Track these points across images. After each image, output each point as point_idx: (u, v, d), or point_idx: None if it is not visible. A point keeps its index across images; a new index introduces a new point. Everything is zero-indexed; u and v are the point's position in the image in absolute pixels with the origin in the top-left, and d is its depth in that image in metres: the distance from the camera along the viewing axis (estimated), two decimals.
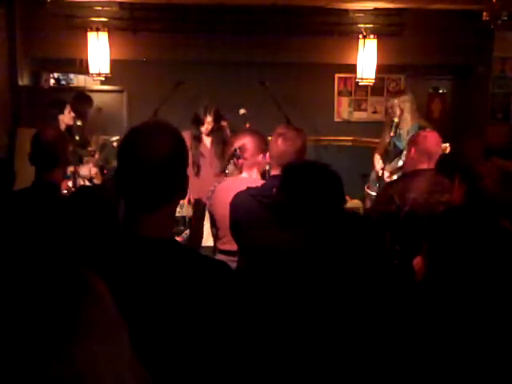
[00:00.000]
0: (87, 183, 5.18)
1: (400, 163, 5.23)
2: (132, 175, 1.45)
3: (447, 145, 4.38)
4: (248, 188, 3.02)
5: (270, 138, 3.42)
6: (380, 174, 5.47)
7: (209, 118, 5.04)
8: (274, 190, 2.54)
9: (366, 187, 5.68)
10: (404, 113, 5.20)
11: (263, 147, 3.23)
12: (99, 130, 6.00)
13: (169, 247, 1.46)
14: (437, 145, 3.53)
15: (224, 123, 5.29)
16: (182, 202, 6.15)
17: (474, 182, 2.68)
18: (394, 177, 5.20)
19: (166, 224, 1.49)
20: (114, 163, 5.82)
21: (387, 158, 5.48)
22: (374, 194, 5.60)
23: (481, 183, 2.65)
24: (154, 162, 1.43)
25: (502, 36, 5.94)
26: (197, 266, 1.45)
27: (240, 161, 3.30)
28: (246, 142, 3.27)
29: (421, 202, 3.25)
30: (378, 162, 5.56)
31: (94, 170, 5.25)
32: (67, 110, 5.23)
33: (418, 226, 2.53)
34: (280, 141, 2.93)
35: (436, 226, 1.60)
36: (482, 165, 2.79)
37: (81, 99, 5.74)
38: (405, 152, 5.31)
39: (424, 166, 3.43)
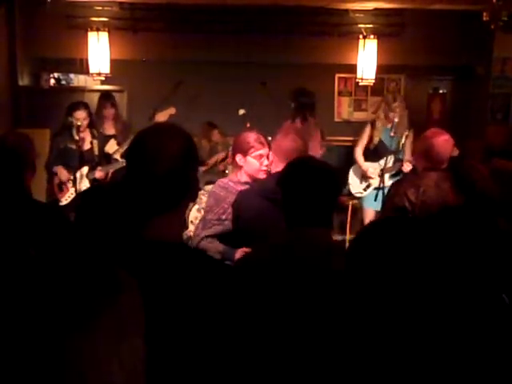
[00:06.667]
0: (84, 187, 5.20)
1: (390, 163, 5.22)
2: (142, 178, 1.44)
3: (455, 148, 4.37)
4: (251, 187, 3.03)
5: (269, 138, 3.42)
6: (369, 174, 5.45)
7: None
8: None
9: (349, 187, 5.63)
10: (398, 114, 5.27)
11: (236, 147, 3.20)
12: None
13: (177, 251, 1.45)
14: (444, 151, 3.47)
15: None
16: None
17: (468, 187, 2.71)
18: (386, 175, 5.18)
19: (175, 227, 1.48)
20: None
21: (374, 156, 5.46)
22: (359, 191, 5.56)
23: (475, 187, 2.67)
24: (164, 166, 1.41)
25: (502, 36, 5.93)
26: (205, 269, 1.44)
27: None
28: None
29: (431, 194, 3.25)
30: (361, 159, 5.52)
31: (100, 174, 5.26)
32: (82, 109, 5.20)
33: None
34: (290, 138, 2.94)
35: (433, 225, 1.59)
36: (472, 169, 2.80)
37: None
38: (405, 152, 5.35)
39: (431, 168, 3.42)
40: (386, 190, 4.85)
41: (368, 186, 5.51)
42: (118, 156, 5.36)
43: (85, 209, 2.15)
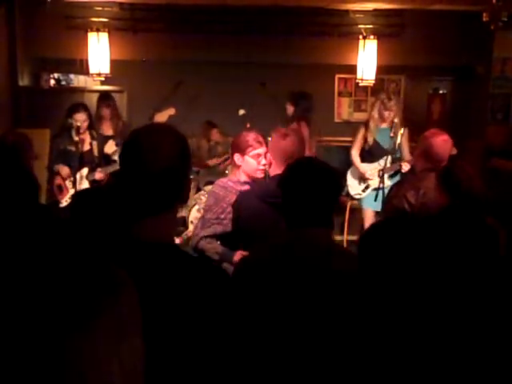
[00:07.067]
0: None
1: (388, 163, 5.22)
2: (136, 179, 1.43)
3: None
4: (252, 188, 3.02)
5: (269, 139, 3.41)
6: (367, 175, 5.46)
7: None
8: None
9: (348, 188, 5.63)
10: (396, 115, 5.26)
11: (234, 147, 3.21)
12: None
13: (170, 252, 1.44)
14: (443, 151, 3.46)
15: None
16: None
17: (454, 187, 2.72)
18: (385, 176, 5.18)
19: (167, 228, 1.47)
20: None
21: (371, 156, 5.46)
22: (358, 193, 5.56)
23: (459, 187, 2.68)
24: (158, 166, 1.40)
25: (502, 37, 5.93)
26: (196, 272, 1.44)
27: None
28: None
29: (431, 196, 3.25)
30: (357, 161, 5.52)
31: (99, 175, 5.25)
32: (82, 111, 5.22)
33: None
34: (289, 140, 2.92)
35: (425, 228, 1.60)
36: (459, 169, 2.82)
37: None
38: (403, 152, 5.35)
39: (430, 168, 3.42)
40: (385, 191, 4.86)
41: (367, 187, 5.51)
42: (116, 157, 5.36)
43: (78, 209, 2.14)
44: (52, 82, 7.13)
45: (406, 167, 5.12)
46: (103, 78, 6.30)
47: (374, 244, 1.52)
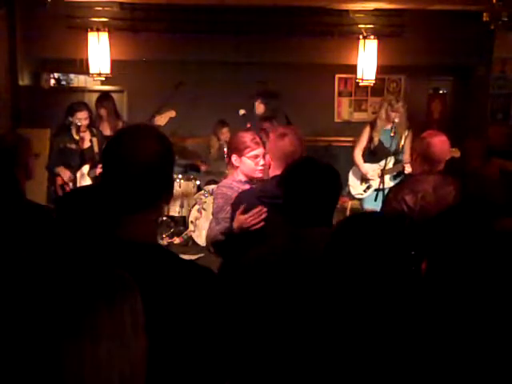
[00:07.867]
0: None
1: (390, 164, 5.22)
2: (116, 177, 1.45)
3: (456, 149, 4.36)
4: (251, 188, 3.02)
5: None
6: (369, 175, 5.45)
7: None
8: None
9: (350, 188, 5.62)
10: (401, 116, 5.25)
11: (231, 147, 3.21)
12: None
13: (151, 252, 1.45)
14: (441, 151, 3.44)
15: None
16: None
17: (467, 186, 2.71)
18: (387, 177, 5.17)
19: (149, 228, 1.48)
20: None
21: (374, 157, 5.45)
22: (360, 192, 5.56)
23: (474, 186, 2.67)
24: (137, 165, 1.42)
25: (503, 37, 5.94)
26: (177, 270, 1.45)
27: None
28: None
29: (430, 199, 3.23)
30: (360, 161, 5.50)
31: (100, 171, 5.25)
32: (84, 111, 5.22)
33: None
34: (287, 140, 2.90)
35: (432, 228, 1.60)
36: (476, 169, 2.81)
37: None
38: (404, 154, 5.36)
39: (428, 170, 3.39)
40: (386, 191, 4.86)
41: (368, 188, 5.49)
42: None
43: (63, 210, 2.14)
44: (52, 81, 7.13)
45: (409, 168, 5.11)
46: (103, 78, 6.30)
47: (339, 237, 1.55)
